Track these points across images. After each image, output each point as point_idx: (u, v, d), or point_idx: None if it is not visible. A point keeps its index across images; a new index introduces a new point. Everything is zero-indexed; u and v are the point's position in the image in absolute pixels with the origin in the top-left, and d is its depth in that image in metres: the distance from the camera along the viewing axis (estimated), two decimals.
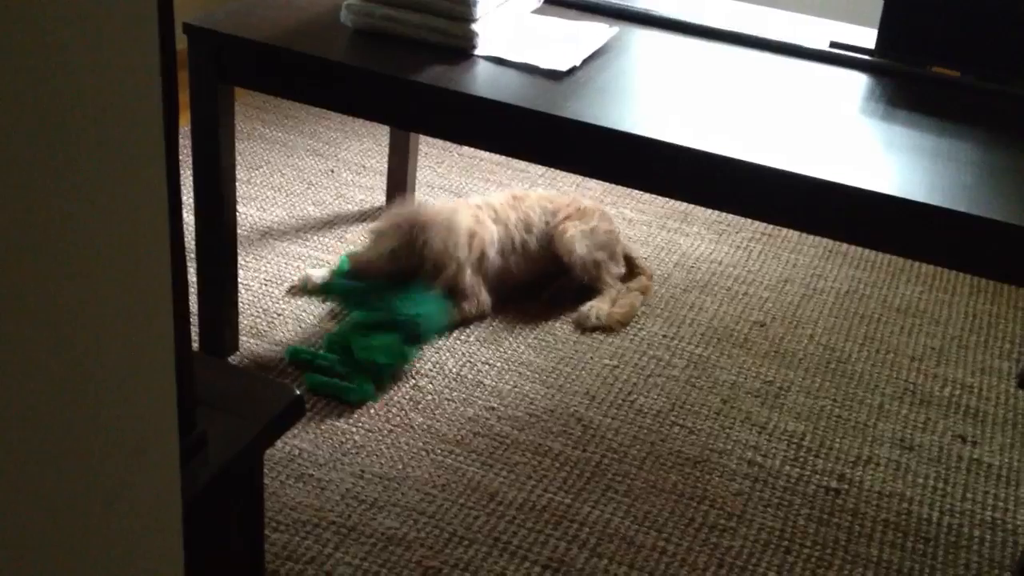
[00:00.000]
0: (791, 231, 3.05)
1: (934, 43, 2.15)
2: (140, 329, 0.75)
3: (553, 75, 1.93)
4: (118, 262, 0.71)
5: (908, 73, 2.12)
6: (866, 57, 2.15)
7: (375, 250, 2.45)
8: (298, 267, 2.64)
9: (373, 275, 2.41)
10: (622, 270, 2.66)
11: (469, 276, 2.49)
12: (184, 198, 2.37)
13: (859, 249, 2.99)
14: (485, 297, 2.52)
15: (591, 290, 2.59)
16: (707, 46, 2.18)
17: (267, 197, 2.96)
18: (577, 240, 2.58)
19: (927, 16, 2.14)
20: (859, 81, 2.10)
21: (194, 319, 2.27)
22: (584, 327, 2.50)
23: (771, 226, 3.07)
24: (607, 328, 2.50)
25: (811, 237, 3.03)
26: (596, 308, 2.51)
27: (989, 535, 2.05)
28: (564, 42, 2.06)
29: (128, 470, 0.75)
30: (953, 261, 1.78)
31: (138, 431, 0.77)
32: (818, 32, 2.28)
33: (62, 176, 0.64)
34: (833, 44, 2.19)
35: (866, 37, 2.24)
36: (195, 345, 2.27)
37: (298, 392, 1.13)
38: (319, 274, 2.52)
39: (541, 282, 2.62)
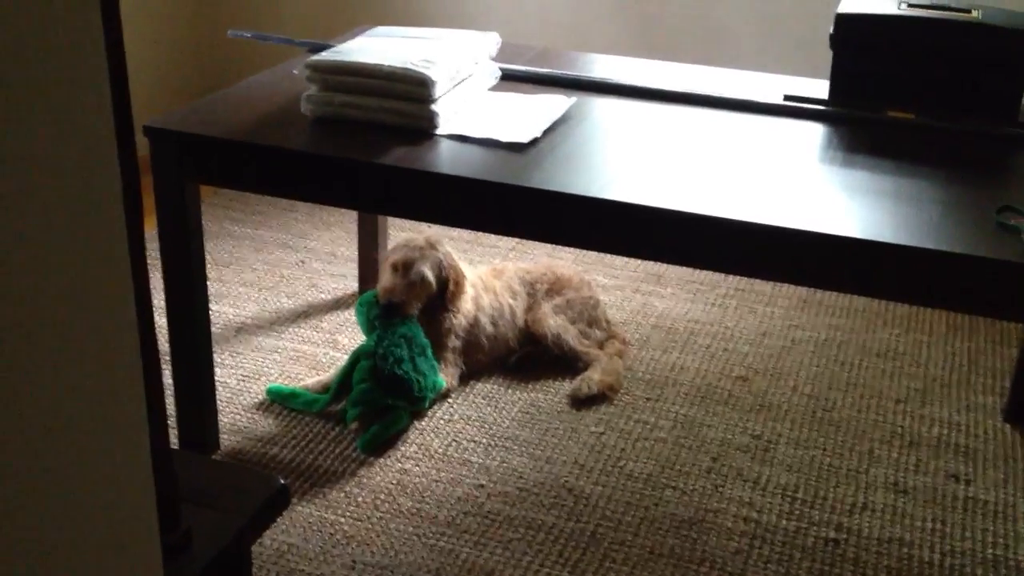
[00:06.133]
0: (764, 285, 3.06)
1: (885, 88, 2.19)
2: (113, 432, 0.74)
3: (515, 147, 1.95)
4: (88, 370, 0.70)
5: (863, 119, 2.15)
6: (821, 107, 2.19)
7: (390, 275, 2.45)
8: (276, 360, 2.62)
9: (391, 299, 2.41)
10: (604, 335, 2.67)
11: (454, 342, 2.49)
12: (156, 300, 2.36)
13: (834, 297, 3.01)
14: (459, 371, 2.51)
15: (567, 360, 2.59)
16: (665, 109, 2.21)
17: (239, 293, 2.95)
18: (549, 317, 2.60)
19: (876, 62, 2.19)
20: (816, 131, 2.13)
21: (172, 420, 2.24)
22: (579, 399, 2.48)
23: (745, 281, 3.08)
24: (601, 396, 2.49)
25: (785, 289, 3.04)
26: (587, 379, 2.51)
27: (993, 573, 2.03)
28: (524, 115, 2.08)
29: (109, 570, 0.73)
30: (926, 298, 1.79)
31: (117, 531, 0.75)
32: (771, 87, 2.32)
33: (25, 289, 0.64)
34: (787, 97, 2.23)
35: (819, 88, 2.28)
36: (175, 445, 2.24)
37: (282, 481, 1.11)
38: (313, 382, 2.49)
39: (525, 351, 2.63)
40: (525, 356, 2.62)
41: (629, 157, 1.96)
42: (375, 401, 2.32)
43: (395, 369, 2.30)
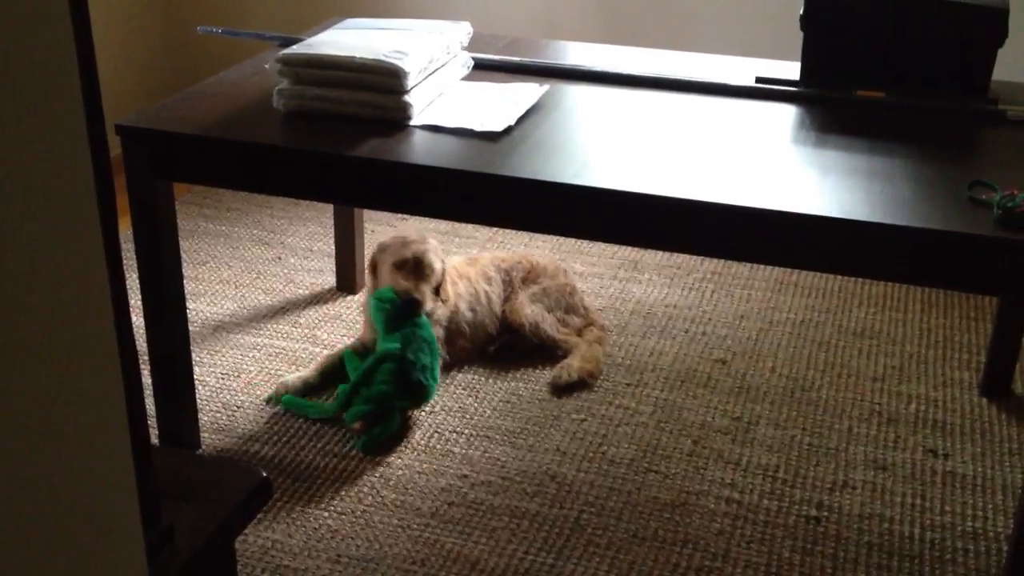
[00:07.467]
0: (741, 268, 3.08)
1: (855, 68, 2.20)
2: (92, 430, 0.74)
3: (489, 136, 1.95)
4: (66, 370, 0.70)
5: (834, 99, 2.16)
6: (792, 89, 2.20)
7: (392, 274, 2.39)
8: (255, 357, 2.61)
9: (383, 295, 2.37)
10: (582, 322, 2.67)
11: (437, 331, 2.49)
12: (133, 300, 2.35)
13: (810, 278, 3.03)
14: (441, 361, 2.51)
15: (547, 348, 2.60)
16: (638, 94, 2.22)
17: (216, 291, 2.93)
18: (526, 306, 2.60)
19: (846, 43, 2.20)
20: (788, 112, 2.15)
21: (153, 420, 2.23)
22: (559, 386, 2.49)
23: (721, 265, 3.10)
24: (580, 383, 2.50)
25: (761, 271, 3.06)
26: (567, 367, 2.51)
27: (972, 545, 2.05)
28: (497, 104, 2.08)
29: (93, 568, 0.73)
30: (901, 275, 1.80)
31: (99, 528, 0.74)
32: (743, 70, 2.32)
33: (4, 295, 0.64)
34: (759, 80, 2.24)
35: (790, 70, 2.29)
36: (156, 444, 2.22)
37: (264, 474, 1.11)
38: (294, 378, 2.47)
39: (503, 338, 2.63)
40: (504, 346, 2.62)
41: (603, 143, 1.96)
42: (390, 404, 2.29)
43: (421, 377, 2.29)
